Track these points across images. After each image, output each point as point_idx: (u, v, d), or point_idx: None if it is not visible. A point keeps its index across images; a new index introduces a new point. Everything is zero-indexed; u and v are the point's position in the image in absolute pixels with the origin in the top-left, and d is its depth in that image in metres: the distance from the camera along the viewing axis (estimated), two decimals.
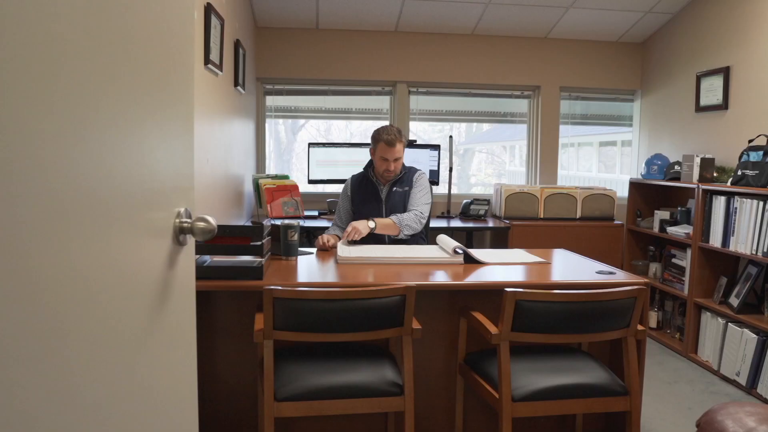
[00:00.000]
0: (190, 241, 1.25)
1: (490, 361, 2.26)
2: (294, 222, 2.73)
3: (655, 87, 4.88)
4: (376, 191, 3.23)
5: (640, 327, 2.19)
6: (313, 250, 2.98)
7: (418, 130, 5.25)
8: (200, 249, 2.28)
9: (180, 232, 1.18)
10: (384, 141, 3.08)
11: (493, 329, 2.10)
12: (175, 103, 1.19)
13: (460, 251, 2.71)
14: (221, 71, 3.06)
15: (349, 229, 2.95)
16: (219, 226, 2.35)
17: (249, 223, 4.03)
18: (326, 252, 2.94)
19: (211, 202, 2.97)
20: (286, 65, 4.76)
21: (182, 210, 1.20)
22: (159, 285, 1.10)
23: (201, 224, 1.18)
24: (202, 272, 2.26)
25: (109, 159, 0.89)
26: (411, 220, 3.10)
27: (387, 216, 3.16)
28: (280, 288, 2.00)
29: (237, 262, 2.39)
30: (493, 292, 2.33)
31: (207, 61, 2.75)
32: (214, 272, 2.27)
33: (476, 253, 2.75)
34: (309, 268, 2.60)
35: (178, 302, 1.20)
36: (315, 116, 5.26)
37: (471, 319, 2.31)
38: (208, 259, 2.43)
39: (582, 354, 2.35)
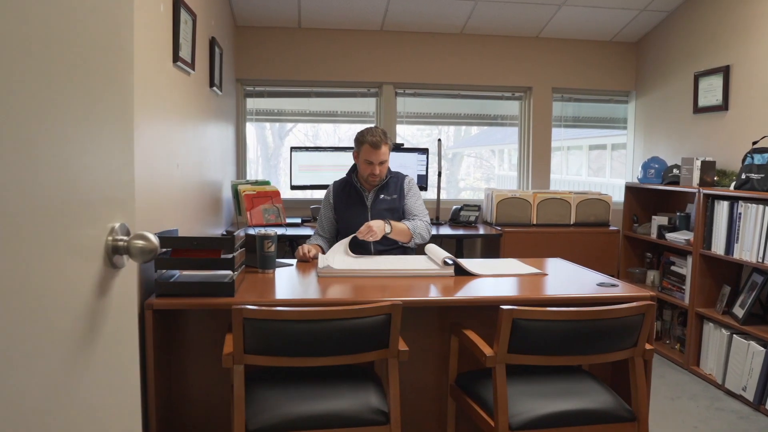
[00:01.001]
0: (130, 264, 1.04)
1: (484, 383, 2.06)
2: (270, 232, 2.52)
3: (651, 88, 4.72)
4: (361, 198, 3.03)
5: (647, 346, 2.00)
6: (293, 261, 2.78)
7: (405, 134, 5.06)
8: (166, 263, 2.07)
9: (114, 253, 0.97)
10: (368, 143, 2.88)
11: (487, 351, 1.91)
12: (110, 99, 0.99)
13: (451, 262, 2.51)
14: (193, 70, 2.85)
15: (363, 228, 2.76)
16: (187, 238, 2.15)
17: (225, 232, 3.81)
18: (307, 264, 2.73)
19: (183, 209, 2.76)
20: (267, 66, 4.56)
21: (117, 226, 0.99)
22: (85, 318, 0.90)
23: (139, 243, 0.97)
24: (168, 289, 2.05)
25: (18, 163, 0.69)
26: (423, 229, 3.00)
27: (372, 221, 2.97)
28: (250, 307, 1.79)
29: (207, 277, 2.18)
30: (487, 307, 2.13)
31: (176, 58, 2.54)
32: (182, 289, 2.06)
33: (468, 263, 2.55)
34: (287, 283, 2.39)
35: (112, 338, 1.00)
36: (299, 119, 5.06)
37: (463, 337, 2.11)
38: (178, 273, 2.23)
39: (584, 375, 2.16)
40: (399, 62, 4.67)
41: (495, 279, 2.45)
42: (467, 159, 10.16)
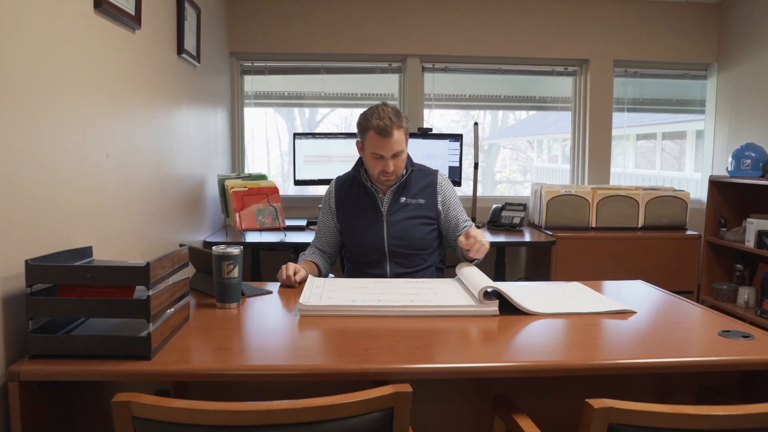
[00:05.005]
0: None
1: None
2: (233, 249, 1.76)
3: (739, 58, 3.81)
4: (372, 201, 2.24)
5: None
6: (275, 286, 2.02)
7: (435, 123, 4.24)
8: (42, 308, 1.31)
9: None
10: (374, 129, 2.09)
11: None
12: None
13: (492, 292, 1.72)
14: (139, 26, 2.09)
15: (471, 239, 1.94)
16: (76, 267, 1.39)
17: (207, 241, 3.06)
18: (293, 291, 1.96)
19: (118, 215, 2.02)
20: (267, 36, 3.80)
21: None
22: None
23: None
24: (49, 347, 1.30)
25: None
26: None
27: (389, 236, 2.20)
28: (142, 402, 1.02)
29: (117, 328, 1.43)
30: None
31: (99, 1, 1.79)
32: (69, 347, 1.30)
33: (518, 294, 1.74)
34: (249, 327, 1.62)
35: None
36: (309, 104, 4.27)
37: (513, 425, 1.32)
38: (82, 320, 1.48)
39: None
40: (426, 30, 3.86)
41: (560, 322, 1.64)
42: (504, 150, 9.33)
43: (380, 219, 2.21)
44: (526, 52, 3.93)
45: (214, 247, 1.77)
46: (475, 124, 3.75)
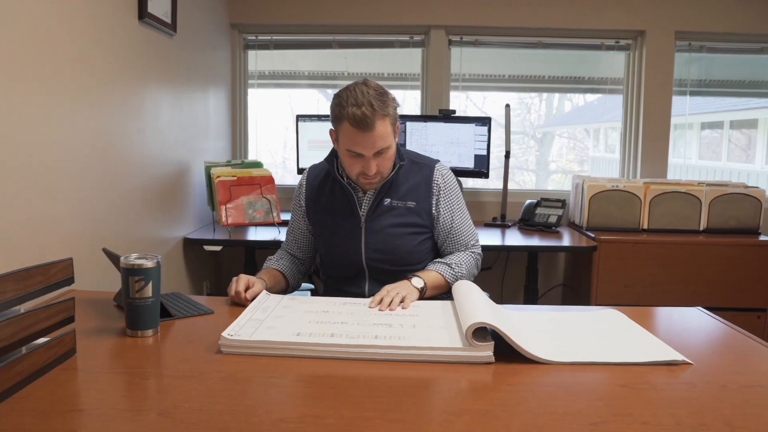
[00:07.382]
0: None
1: None
2: (145, 261, 1.34)
3: None
4: (349, 203, 1.77)
5: None
6: (222, 302, 1.60)
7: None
8: None
9: None
10: (350, 119, 1.58)
11: None
12: None
13: (490, 332, 1.25)
14: None
15: (384, 293, 1.51)
16: None
17: (188, 238, 2.63)
18: (242, 309, 1.53)
19: (26, 207, 1.64)
20: (274, 7, 3.36)
21: None
22: None
23: None
24: None
25: None
26: (471, 268, 1.76)
27: (368, 248, 1.73)
28: None
29: None
30: None
31: None
32: None
33: (525, 333, 1.26)
34: (144, 374, 1.19)
35: None
36: (330, 84, 3.82)
37: None
38: None
39: None
40: None
41: (581, 378, 1.15)
42: (559, 139, 8.72)
43: (357, 225, 1.74)
44: (569, 22, 3.37)
45: (122, 258, 1.36)
46: (507, 105, 3.23)
